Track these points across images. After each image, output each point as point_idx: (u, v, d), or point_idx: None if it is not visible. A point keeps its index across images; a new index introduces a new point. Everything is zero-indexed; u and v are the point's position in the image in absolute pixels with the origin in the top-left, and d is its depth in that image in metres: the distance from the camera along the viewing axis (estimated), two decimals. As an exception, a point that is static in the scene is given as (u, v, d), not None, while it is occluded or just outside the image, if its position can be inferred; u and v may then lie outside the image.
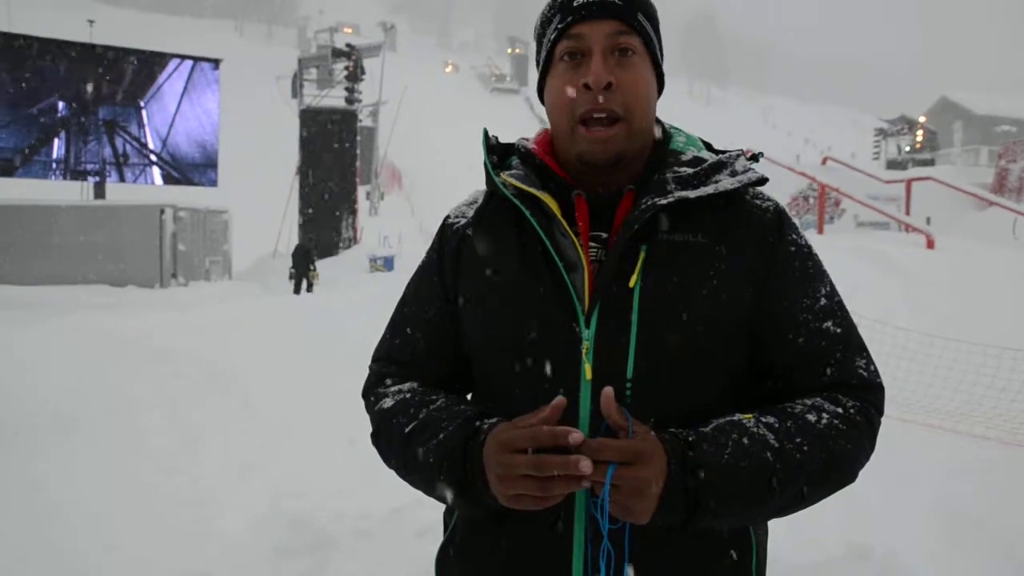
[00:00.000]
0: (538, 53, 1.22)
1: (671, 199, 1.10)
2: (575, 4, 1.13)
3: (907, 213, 18.50)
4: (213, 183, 20.79)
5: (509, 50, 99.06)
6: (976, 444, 4.92)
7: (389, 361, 1.28)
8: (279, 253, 21.81)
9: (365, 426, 1.48)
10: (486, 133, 1.26)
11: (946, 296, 9.21)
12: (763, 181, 1.15)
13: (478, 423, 1.08)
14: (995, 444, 4.90)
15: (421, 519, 3.48)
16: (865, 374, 1.12)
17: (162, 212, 17.16)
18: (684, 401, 1.08)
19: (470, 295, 1.19)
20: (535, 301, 1.11)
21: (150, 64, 20.08)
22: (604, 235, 1.13)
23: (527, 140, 1.25)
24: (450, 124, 68.01)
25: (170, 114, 20.30)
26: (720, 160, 1.17)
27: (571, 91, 1.12)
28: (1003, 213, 17.79)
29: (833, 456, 1.05)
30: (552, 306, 1.10)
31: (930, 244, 13.02)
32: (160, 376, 7.10)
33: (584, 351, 1.07)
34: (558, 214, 1.12)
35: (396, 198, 46.32)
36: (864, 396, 1.11)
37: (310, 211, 22.29)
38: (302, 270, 16.94)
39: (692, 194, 1.11)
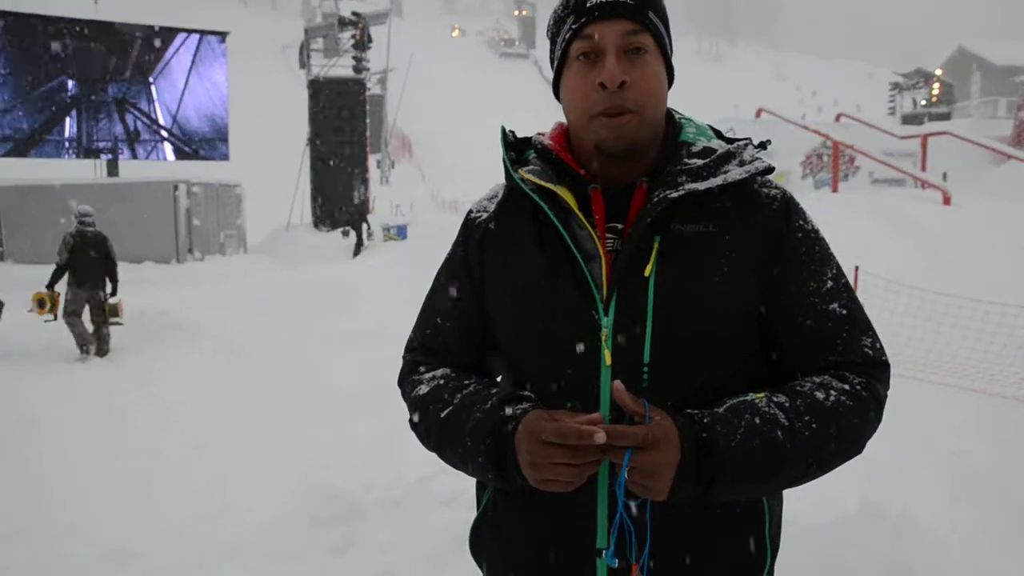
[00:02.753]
0: (552, 51, 1.26)
1: (682, 191, 1.15)
2: (588, 5, 1.17)
3: (923, 169, 18.31)
4: (225, 157, 20.84)
5: (516, 12, 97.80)
6: (992, 402, 4.95)
7: (422, 351, 1.35)
8: (292, 225, 21.90)
9: (389, 398, 1.54)
10: (503, 130, 1.31)
11: (962, 253, 9.17)
12: (770, 170, 1.20)
13: (510, 409, 1.15)
14: (1011, 402, 4.93)
15: (447, 487, 3.58)
16: (871, 352, 1.18)
17: (176, 188, 17.27)
18: (699, 383, 1.14)
19: (495, 287, 1.25)
20: (556, 291, 1.17)
21: (157, 40, 20.04)
22: (620, 226, 1.18)
23: (543, 135, 1.31)
24: (460, 90, 67.49)
25: (179, 89, 20.31)
26: (729, 151, 1.21)
27: (587, 90, 1.17)
28: (1021, 167, 17.57)
29: (841, 432, 1.11)
30: (572, 295, 1.16)
31: (946, 200, 12.91)
32: (181, 352, 7.24)
33: (603, 338, 1.13)
34: (575, 207, 1.18)
35: (407, 166, 46.21)
36: (870, 373, 1.17)
37: (321, 182, 22.31)
38: (358, 230, 18.83)
39: (702, 186, 1.15)
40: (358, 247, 18.50)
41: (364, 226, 19.29)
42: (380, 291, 10.25)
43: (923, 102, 34.91)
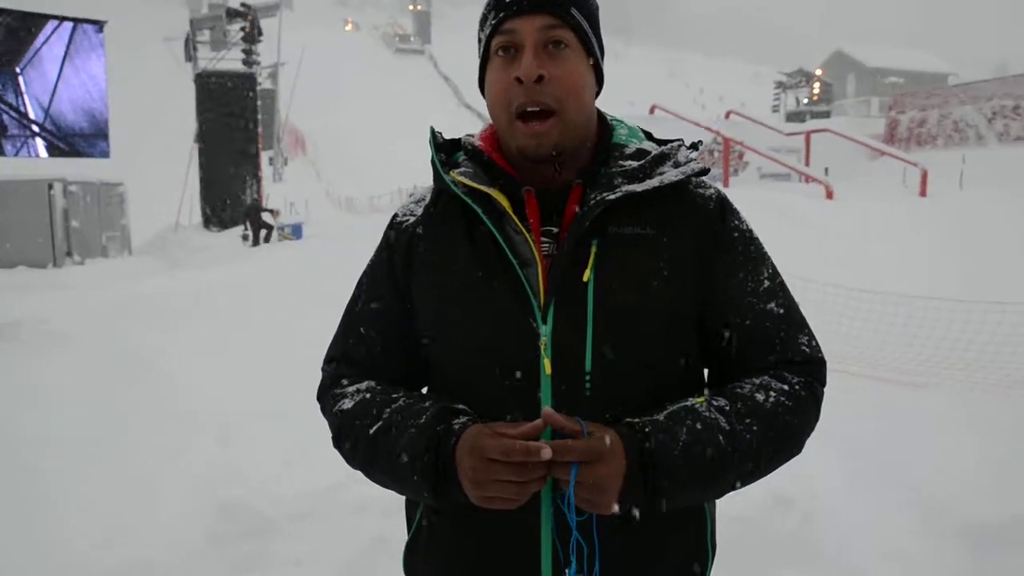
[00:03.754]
0: (478, 46, 1.22)
1: (619, 193, 1.12)
2: (508, 0, 1.14)
3: (807, 164, 19.23)
4: (105, 154, 19.64)
5: (411, 7, 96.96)
6: (881, 387, 5.22)
7: (344, 361, 1.27)
8: (181, 225, 20.97)
9: (292, 406, 1.44)
10: (432, 131, 1.26)
11: (845, 245, 9.68)
12: (705, 171, 1.19)
13: (447, 424, 1.09)
14: (897, 386, 5.21)
15: (358, 494, 3.47)
16: (807, 350, 1.18)
17: (51, 187, 16.24)
18: (641, 389, 1.12)
19: (425, 294, 1.20)
20: (491, 298, 1.13)
21: (24, 26, 18.70)
22: (555, 230, 1.15)
23: (472, 136, 1.26)
24: (354, 86, 66.35)
25: (51, 81, 18.99)
26: (663, 152, 1.20)
27: (505, 85, 1.13)
28: (894, 162, 18.73)
29: (781, 433, 1.11)
30: (508, 302, 1.12)
31: (829, 195, 13.60)
32: (64, 362, 6.78)
33: (542, 346, 1.09)
34: (509, 210, 1.14)
35: (300, 163, 45.10)
36: (808, 370, 1.17)
37: (211, 180, 21.43)
38: (256, 224, 18.72)
39: (639, 187, 1.13)
40: (256, 242, 18.38)
41: (267, 219, 19.01)
42: (276, 294, 9.92)
43: (805, 100, 36.79)
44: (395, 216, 1.28)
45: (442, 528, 1.20)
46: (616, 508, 1.02)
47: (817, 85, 36.65)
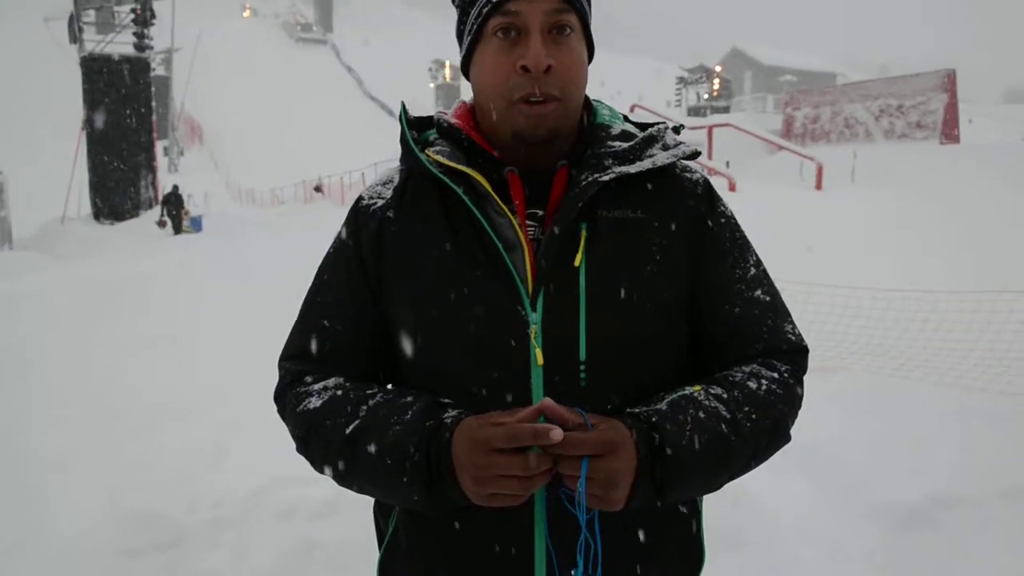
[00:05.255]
0: (462, 23, 1.13)
1: (611, 175, 1.07)
2: None
3: (709, 158, 19.80)
4: (-19, 141, 18.38)
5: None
6: (812, 377, 5.37)
7: (307, 358, 1.15)
8: (68, 218, 19.78)
9: (204, 406, 1.30)
10: (403, 107, 1.17)
11: (750, 234, 9.98)
12: (696, 154, 1.15)
13: (437, 418, 1.00)
14: (826, 374, 5.37)
15: (282, 498, 3.31)
16: (793, 338, 1.16)
17: (-80, 176, 14.99)
18: (636, 379, 1.07)
19: (399, 283, 1.10)
20: (474, 285, 1.05)
21: None
22: (540, 213, 1.09)
23: (445, 113, 1.17)
24: (253, 75, 64.31)
25: (-82, 62, 17.59)
26: (651, 134, 1.16)
27: (506, 72, 1.06)
28: (791, 156, 19.53)
29: (776, 421, 1.08)
30: (493, 290, 1.04)
31: (731, 187, 14.05)
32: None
33: (532, 335, 1.03)
34: (491, 191, 1.06)
35: (197, 153, 43.40)
36: (794, 359, 1.15)
37: (102, 170, 20.29)
38: (177, 213, 19.03)
39: (632, 169, 1.08)
40: (177, 230, 18.80)
41: (183, 210, 19.34)
42: (177, 289, 9.45)
43: (705, 96, 37.96)
44: (360, 199, 1.17)
45: (425, 535, 1.11)
46: (625, 504, 0.96)
47: (717, 81, 37.88)
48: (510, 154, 1.11)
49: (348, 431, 1.03)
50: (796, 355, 1.15)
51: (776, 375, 1.10)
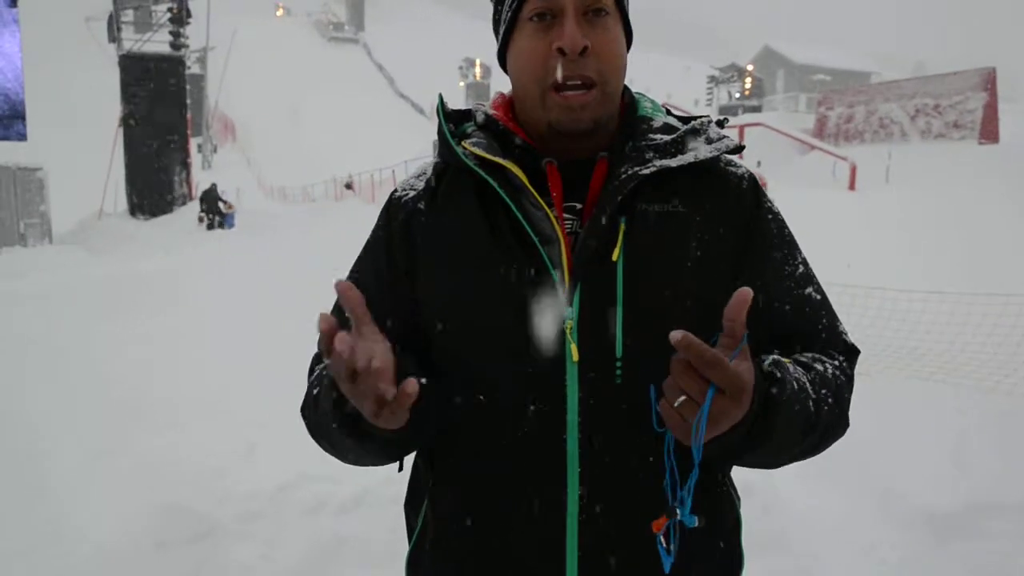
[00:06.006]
0: (498, 12, 1.11)
1: (652, 168, 1.04)
2: None
3: (740, 157, 19.62)
4: (22, 137, 18.62)
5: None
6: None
7: None
8: (105, 213, 20.11)
9: (236, 401, 1.30)
10: (441, 99, 1.15)
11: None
12: (740, 149, 1.12)
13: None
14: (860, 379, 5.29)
15: (311, 494, 3.32)
16: (847, 339, 1.13)
17: (-38, 171, 15.33)
18: None
19: (431, 275, 1.08)
20: (509, 279, 1.03)
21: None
22: (578, 206, 1.06)
23: (483, 105, 1.15)
24: (286, 73, 64.92)
25: (-39, 60, 17.96)
26: (694, 127, 1.13)
27: (543, 56, 1.03)
28: (824, 156, 19.27)
29: (842, 406, 1.05)
30: (528, 283, 1.02)
31: (763, 185, 13.91)
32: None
33: (568, 330, 1.00)
34: (527, 184, 1.04)
35: (230, 150, 43.89)
36: (849, 359, 1.12)
37: (138, 166, 20.61)
38: (214, 209, 19.25)
39: (673, 163, 1.05)
40: (211, 226, 19.01)
41: (220, 205, 19.55)
42: (209, 284, 9.56)
43: (737, 95, 37.54)
44: (393, 192, 1.17)
45: (450, 539, 1.10)
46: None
47: (749, 80, 37.45)
48: (548, 145, 1.08)
49: (315, 392, 1.05)
50: (849, 355, 1.12)
51: (836, 363, 1.07)
